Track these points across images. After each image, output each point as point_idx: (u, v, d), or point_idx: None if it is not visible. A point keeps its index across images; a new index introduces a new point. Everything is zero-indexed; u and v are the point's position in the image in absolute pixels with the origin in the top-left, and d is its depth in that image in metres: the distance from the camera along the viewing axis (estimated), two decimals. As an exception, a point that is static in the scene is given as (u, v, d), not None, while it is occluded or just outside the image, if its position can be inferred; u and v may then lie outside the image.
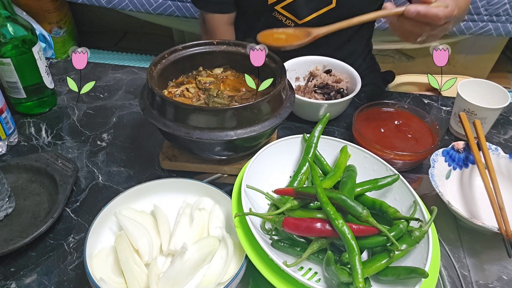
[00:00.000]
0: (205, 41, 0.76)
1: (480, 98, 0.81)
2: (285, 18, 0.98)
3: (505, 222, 0.61)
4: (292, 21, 0.98)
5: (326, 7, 0.95)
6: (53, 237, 0.63)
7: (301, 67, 0.92)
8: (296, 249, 0.55)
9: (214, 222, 0.60)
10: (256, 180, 0.61)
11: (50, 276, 0.58)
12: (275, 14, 0.98)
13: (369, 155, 0.66)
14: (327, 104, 0.81)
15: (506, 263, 0.62)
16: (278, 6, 0.96)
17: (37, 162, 0.70)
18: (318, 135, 0.68)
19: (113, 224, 0.60)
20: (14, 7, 0.81)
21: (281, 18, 0.98)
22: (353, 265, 0.49)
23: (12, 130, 0.77)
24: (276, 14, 0.98)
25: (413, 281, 0.49)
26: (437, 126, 0.78)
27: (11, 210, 0.64)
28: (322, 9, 0.96)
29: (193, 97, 0.73)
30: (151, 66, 0.69)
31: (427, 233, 0.53)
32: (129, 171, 0.74)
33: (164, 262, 0.58)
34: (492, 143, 0.75)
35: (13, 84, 0.80)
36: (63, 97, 0.91)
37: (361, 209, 0.53)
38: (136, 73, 1.01)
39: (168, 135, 0.66)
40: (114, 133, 0.83)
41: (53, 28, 2.06)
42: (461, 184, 0.73)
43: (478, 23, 1.78)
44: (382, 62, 2.06)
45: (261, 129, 0.64)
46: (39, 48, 0.80)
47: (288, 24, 0.99)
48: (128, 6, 1.86)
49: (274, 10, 0.97)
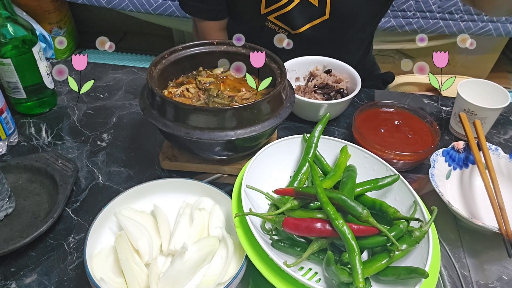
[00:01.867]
0: (205, 41, 0.76)
1: (480, 98, 0.81)
2: (278, 27, 0.97)
3: (505, 222, 0.61)
4: (285, 30, 0.97)
5: (319, 18, 0.94)
6: (53, 237, 0.63)
7: (301, 67, 0.92)
8: (296, 249, 0.55)
9: (214, 222, 0.60)
10: (256, 180, 0.61)
11: (50, 276, 0.58)
12: (268, 23, 0.97)
13: (369, 155, 0.66)
14: (327, 104, 0.81)
15: (506, 263, 0.62)
16: (271, 16, 0.95)
17: (37, 162, 0.70)
18: (318, 135, 0.68)
19: (113, 224, 0.60)
20: (14, 7, 0.82)
21: (274, 27, 0.97)
22: (353, 265, 0.49)
23: (12, 130, 0.77)
24: (269, 23, 0.97)
25: (413, 281, 0.49)
26: (437, 126, 0.78)
27: (11, 210, 0.64)
28: (316, 20, 0.95)
29: (193, 97, 0.73)
30: (151, 66, 0.69)
31: (427, 233, 0.53)
32: (129, 171, 0.74)
33: (164, 262, 0.58)
34: (492, 143, 0.75)
35: (13, 84, 0.80)
36: (63, 97, 0.91)
37: (361, 209, 0.53)
38: (136, 73, 1.01)
39: (168, 135, 0.66)
40: (114, 133, 0.83)
41: (53, 28, 2.07)
42: (461, 184, 0.73)
43: (478, 23, 1.78)
44: (382, 62, 2.06)
45: (261, 129, 0.64)
46: (39, 48, 0.80)
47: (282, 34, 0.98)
48: (128, 6, 1.86)
49: (267, 20, 0.96)
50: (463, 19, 1.78)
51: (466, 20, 1.77)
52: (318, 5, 0.92)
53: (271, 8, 0.94)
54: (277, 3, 0.93)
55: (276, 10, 0.94)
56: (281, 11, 0.93)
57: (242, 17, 1.00)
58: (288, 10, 0.93)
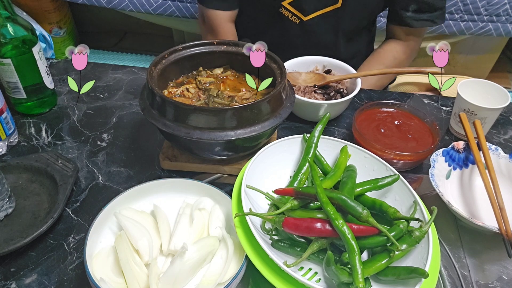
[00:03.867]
0: (205, 41, 0.76)
1: (480, 98, 0.81)
2: (291, 14, 0.99)
3: (505, 222, 0.61)
4: (297, 17, 0.99)
5: (332, 6, 0.97)
6: (53, 237, 0.63)
7: (301, 67, 0.92)
8: (296, 249, 0.55)
9: (214, 222, 0.60)
10: (256, 180, 0.61)
11: (50, 276, 0.58)
12: (281, 10, 0.99)
13: (369, 155, 0.66)
14: (327, 104, 0.81)
15: (506, 263, 0.62)
16: (286, 2, 0.97)
17: (37, 162, 0.70)
18: (318, 135, 0.68)
19: (113, 224, 0.60)
20: (14, 7, 0.82)
21: (287, 14, 0.99)
22: (353, 265, 0.49)
23: (12, 130, 0.77)
24: (282, 10, 0.99)
25: (413, 281, 0.49)
26: (437, 126, 0.78)
27: (11, 210, 0.64)
28: (328, 7, 0.97)
29: (193, 97, 0.73)
30: (151, 66, 0.69)
31: (427, 233, 0.53)
32: (129, 171, 0.74)
33: (164, 262, 0.58)
34: (492, 143, 0.75)
35: (13, 84, 0.80)
36: (63, 97, 0.91)
37: (361, 209, 0.53)
38: (136, 73, 1.01)
39: (168, 135, 0.66)
40: (114, 133, 0.83)
41: (53, 28, 2.07)
42: (461, 184, 0.73)
43: (478, 23, 1.78)
44: (382, 62, 2.06)
45: (261, 129, 0.64)
46: (39, 48, 0.80)
47: (293, 20, 1.00)
48: (128, 6, 1.86)
49: (281, 5, 0.98)
50: (463, 19, 1.77)
51: (466, 20, 1.77)
52: None
53: None
54: None
55: None
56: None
57: (257, 3, 1.01)
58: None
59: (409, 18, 1.00)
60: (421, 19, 0.99)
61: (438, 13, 1.00)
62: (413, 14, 0.99)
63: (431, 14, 0.99)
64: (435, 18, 1.00)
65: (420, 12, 0.99)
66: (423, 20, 1.00)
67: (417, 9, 0.98)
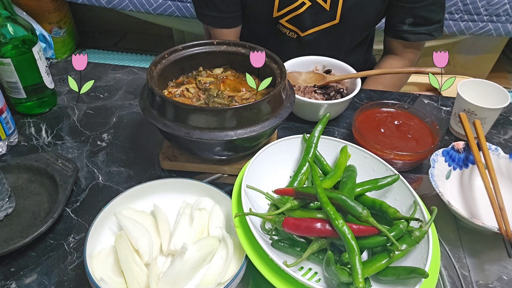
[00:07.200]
0: (205, 41, 0.76)
1: (480, 98, 0.81)
2: (288, 30, 1.00)
3: (505, 222, 0.61)
4: (295, 33, 1.00)
5: (329, 22, 0.96)
6: (53, 237, 0.63)
7: (301, 67, 0.92)
8: (296, 249, 0.55)
9: (214, 222, 0.60)
10: (256, 180, 0.61)
11: (50, 276, 0.58)
12: (279, 26, 0.99)
13: (369, 155, 0.66)
14: (327, 104, 0.81)
15: (506, 263, 0.62)
16: (283, 20, 0.98)
17: (37, 162, 0.70)
18: (318, 135, 0.68)
19: (113, 224, 0.60)
20: (14, 7, 0.82)
21: (285, 30, 1.00)
22: (353, 265, 0.49)
23: (12, 130, 0.77)
24: (280, 26, 0.99)
25: (413, 281, 0.49)
26: (437, 126, 0.78)
27: (11, 210, 0.64)
28: (325, 23, 0.97)
29: (193, 97, 0.73)
30: (151, 66, 0.69)
31: (427, 233, 0.53)
32: (129, 171, 0.74)
33: (164, 262, 0.58)
34: (492, 143, 0.75)
35: (13, 84, 0.80)
36: (63, 97, 0.91)
37: (361, 209, 0.53)
38: (136, 73, 1.01)
39: (168, 135, 0.66)
40: (114, 133, 0.83)
41: (53, 28, 2.07)
42: (461, 184, 0.73)
43: (478, 23, 1.78)
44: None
45: (261, 129, 0.64)
46: (39, 48, 0.80)
47: (291, 36, 1.00)
48: (128, 6, 1.86)
49: (279, 23, 0.98)
50: (463, 19, 1.78)
51: (466, 20, 1.77)
52: (330, 9, 0.94)
53: (283, 11, 0.96)
54: (289, 6, 0.95)
55: (288, 13, 0.96)
56: (293, 14, 0.95)
57: (255, 20, 1.02)
58: (300, 13, 0.95)
59: (405, 31, 0.99)
60: (418, 33, 0.98)
61: (436, 26, 0.98)
62: (410, 28, 0.98)
63: (428, 28, 0.98)
64: (432, 32, 0.99)
65: (417, 26, 0.98)
66: (420, 34, 0.99)
67: (414, 22, 0.97)
